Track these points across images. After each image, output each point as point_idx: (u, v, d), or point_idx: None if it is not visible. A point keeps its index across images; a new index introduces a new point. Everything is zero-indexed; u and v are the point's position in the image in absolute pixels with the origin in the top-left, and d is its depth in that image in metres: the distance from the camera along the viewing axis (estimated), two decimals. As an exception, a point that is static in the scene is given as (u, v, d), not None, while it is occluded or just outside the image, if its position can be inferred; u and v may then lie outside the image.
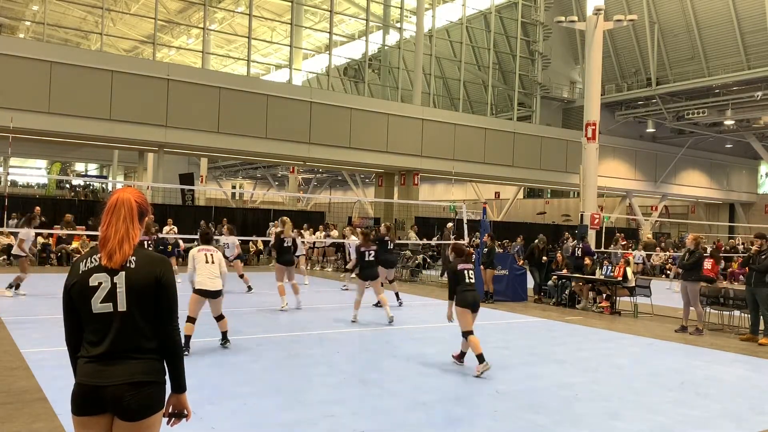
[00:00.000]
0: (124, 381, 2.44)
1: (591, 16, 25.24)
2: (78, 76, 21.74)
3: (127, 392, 2.43)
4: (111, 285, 2.49)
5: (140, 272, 2.52)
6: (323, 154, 27.17)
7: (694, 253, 11.19)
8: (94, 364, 2.47)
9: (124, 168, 53.71)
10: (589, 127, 25.17)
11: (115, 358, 2.46)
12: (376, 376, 7.01)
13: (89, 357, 2.49)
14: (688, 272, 11.16)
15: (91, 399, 2.45)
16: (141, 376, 2.47)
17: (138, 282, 2.51)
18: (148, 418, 2.47)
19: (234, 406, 5.58)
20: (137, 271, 2.52)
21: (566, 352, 8.76)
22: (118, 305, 2.48)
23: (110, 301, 2.48)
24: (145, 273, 2.53)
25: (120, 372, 2.45)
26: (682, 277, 11.33)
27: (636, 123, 37.73)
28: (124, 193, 2.63)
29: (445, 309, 7.83)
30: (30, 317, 9.69)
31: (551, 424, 5.45)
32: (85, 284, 2.51)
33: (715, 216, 45.01)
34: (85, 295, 2.50)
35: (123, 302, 2.49)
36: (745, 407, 6.29)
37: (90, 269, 2.53)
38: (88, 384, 2.46)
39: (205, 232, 8.28)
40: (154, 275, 2.54)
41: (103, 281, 2.50)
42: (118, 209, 2.58)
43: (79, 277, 2.53)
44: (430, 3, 32.26)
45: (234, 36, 39.39)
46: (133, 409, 2.44)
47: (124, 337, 2.48)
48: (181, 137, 23.83)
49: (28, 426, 4.84)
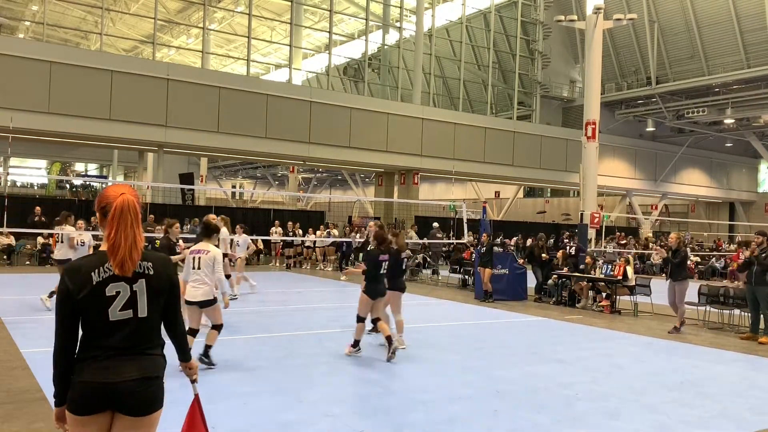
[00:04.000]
0: (135, 377, 2.49)
1: (591, 15, 25.23)
2: (78, 76, 21.73)
3: (138, 388, 2.48)
4: (131, 293, 2.51)
5: (161, 278, 2.59)
6: (323, 153, 27.17)
7: (677, 252, 11.13)
8: (105, 362, 2.47)
9: (123, 168, 53.72)
10: (589, 126, 25.17)
11: (127, 355, 2.51)
12: (376, 375, 7.01)
13: (99, 357, 2.48)
14: (674, 272, 11.11)
15: (98, 397, 2.46)
16: (150, 372, 2.53)
17: (159, 287, 2.58)
18: (152, 414, 2.54)
19: (234, 406, 5.58)
20: (158, 278, 2.57)
21: (566, 352, 8.76)
22: (138, 312, 2.53)
23: (130, 308, 2.52)
24: (164, 277, 2.60)
25: (132, 369, 2.49)
26: (669, 276, 11.28)
27: (636, 122, 37.73)
28: (127, 196, 2.54)
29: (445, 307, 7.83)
30: (30, 317, 9.69)
31: (551, 424, 5.45)
32: (100, 294, 2.48)
33: (715, 215, 45.01)
34: (101, 304, 2.48)
35: (144, 308, 2.54)
36: (746, 407, 6.29)
37: (105, 279, 2.49)
38: (98, 382, 2.45)
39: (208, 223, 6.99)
40: (170, 277, 2.62)
41: (121, 290, 2.50)
42: (125, 215, 2.51)
43: (92, 287, 2.47)
44: (429, 2, 32.25)
45: (234, 36, 39.36)
46: (141, 405, 2.50)
47: (138, 338, 2.54)
48: (180, 137, 23.82)
49: (28, 426, 4.85)
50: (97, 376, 2.46)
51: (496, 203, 44.78)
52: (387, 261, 7.80)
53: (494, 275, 14.45)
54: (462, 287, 17.20)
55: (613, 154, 36.43)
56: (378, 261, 7.73)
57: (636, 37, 34.43)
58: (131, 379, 2.47)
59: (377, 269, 7.70)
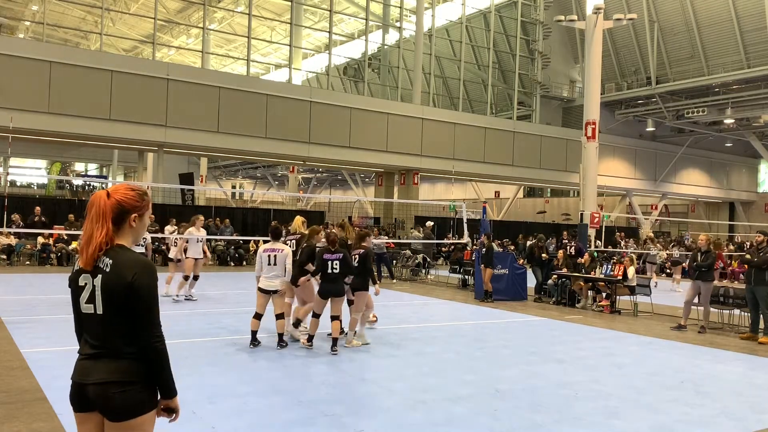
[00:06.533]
0: (103, 380, 2.43)
1: (590, 15, 25.23)
2: (78, 76, 21.74)
3: (109, 391, 2.42)
4: (92, 287, 2.50)
5: (112, 276, 2.45)
6: (323, 153, 27.17)
7: (708, 253, 11.21)
8: (82, 361, 2.51)
9: (123, 168, 53.72)
10: (589, 126, 25.17)
11: (98, 357, 2.47)
12: (376, 375, 7.01)
13: (79, 354, 2.55)
14: (703, 272, 11.16)
15: (79, 396, 2.49)
16: (120, 376, 2.44)
17: (110, 286, 2.45)
18: (132, 420, 2.43)
19: (234, 405, 5.58)
20: (110, 275, 2.46)
21: (566, 351, 8.76)
22: (97, 308, 2.49)
23: (92, 302, 2.50)
24: (116, 277, 2.45)
25: (100, 371, 2.45)
26: (696, 276, 11.29)
27: (636, 122, 37.73)
28: (99, 193, 2.58)
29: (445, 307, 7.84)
30: (30, 317, 9.69)
31: (551, 423, 5.45)
32: (75, 283, 2.55)
33: (715, 215, 45.02)
34: (75, 293, 2.56)
35: (100, 305, 2.48)
36: (745, 406, 6.29)
37: (80, 269, 2.55)
38: (75, 381, 2.50)
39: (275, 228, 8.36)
40: (126, 279, 2.44)
41: (87, 282, 2.51)
42: (89, 209, 2.55)
43: (73, 275, 2.57)
44: (429, 2, 32.26)
45: (233, 36, 39.37)
46: (115, 409, 2.43)
47: (105, 338, 2.48)
48: (180, 137, 23.83)
49: (28, 426, 4.84)
50: (75, 375, 2.51)
51: (496, 203, 44.81)
52: (335, 260, 7.96)
53: (494, 275, 14.45)
54: (462, 287, 17.20)
55: (613, 154, 36.44)
56: (323, 260, 8.01)
57: (636, 37, 34.43)
58: (96, 383, 2.43)
59: (324, 268, 8.00)
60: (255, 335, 8.06)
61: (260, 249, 8.19)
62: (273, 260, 8.00)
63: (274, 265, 8.00)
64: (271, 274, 8.01)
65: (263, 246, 8.20)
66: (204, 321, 9.98)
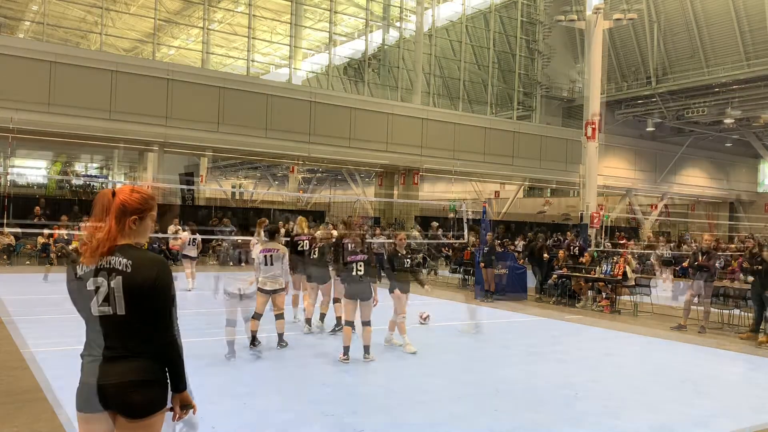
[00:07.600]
0: (125, 380, 2.46)
1: (591, 15, 25.22)
2: (79, 75, 21.73)
3: (130, 390, 2.46)
4: (108, 288, 2.49)
5: (136, 277, 2.47)
6: (324, 153, 27.18)
7: (709, 253, 11.21)
8: (96, 363, 2.50)
9: (124, 167, 53.70)
10: (590, 125, 25.17)
11: (116, 358, 2.49)
12: (376, 375, 7.01)
13: (92, 356, 2.53)
14: (706, 273, 11.16)
15: (94, 397, 2.49)
16: (141, 375, 2.49)
17: (135, 286, 2.47)
18: (149, 417, 2.49)
19: (234, 405, 5.58)
20: (132, 276, 2.47)
21: (566, 351, 8.76)
22: (118, 309, 2.49)
23: (109, 304, 2.49)
24: (141, 278, 2.47)
25: (120, 371, 2.47)
26: (698, 277, 11.30)
27: (636, 121, 37.69)
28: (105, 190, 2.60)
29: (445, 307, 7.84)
30: (30, 317, 9.69)
31: (551, 423, 5.45)
32: (82, 286, 2.53)
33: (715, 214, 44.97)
34: (85, 297, 2.53)
35: (122, 306, 2.48)
36: (745, 406, 6.29)
37: (86, 271, 2.53)
38: (91, 383, 2.49)
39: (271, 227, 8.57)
40: (151, 279, 2.48)
41: (101, 285, 2.50)
42: (93, 207, 2.59)
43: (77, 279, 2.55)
44: (430, 2, 32.24)
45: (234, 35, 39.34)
46: (134, 408, 2.47)
47: (125, 339, 2.50)
48: (181, 137, 23.81)
49: (28, 426, 4.85)
50: (89, 377, 2.50)
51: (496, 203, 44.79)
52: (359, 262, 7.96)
53: (495, 274, 14.45)
54: (462, 287, 17.19)
55: (614, 154, 36.40)
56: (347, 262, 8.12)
57: (636, 37, 34.39)
58: (118, 383, 2.46)
59: (265, 263, 8.08)
60: (255, 335, 8.06)
61: (257, 250, 8.26)
62: (270, 260, 8.05)
63: (272, 265, 8.05)
64: (269, 274, 8.07)
65: (260, 246, 8.29)
66: (204, 321, 9.98)
